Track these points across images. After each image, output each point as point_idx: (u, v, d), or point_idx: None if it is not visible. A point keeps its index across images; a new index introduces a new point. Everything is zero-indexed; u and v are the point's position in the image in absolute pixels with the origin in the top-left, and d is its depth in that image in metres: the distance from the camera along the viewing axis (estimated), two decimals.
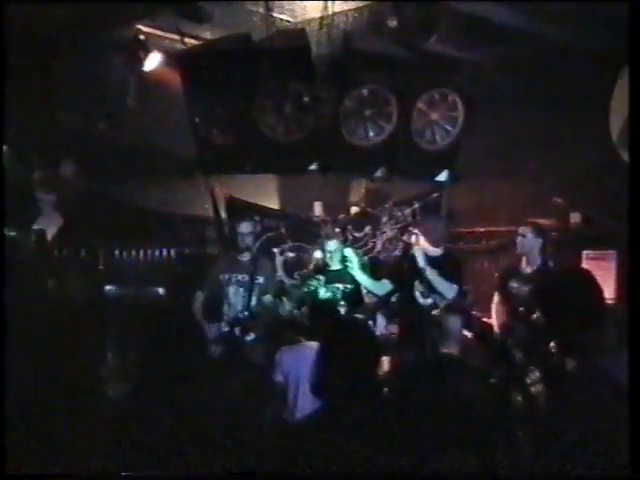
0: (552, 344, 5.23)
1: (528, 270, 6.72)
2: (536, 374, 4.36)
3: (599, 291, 3.11)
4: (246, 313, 6.78)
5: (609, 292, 7.31)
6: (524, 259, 6.76)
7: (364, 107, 7.58)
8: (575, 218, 8.13)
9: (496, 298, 6.95)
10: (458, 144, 7.88)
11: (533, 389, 4.55)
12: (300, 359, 5.31)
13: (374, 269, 8.16)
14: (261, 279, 7.00)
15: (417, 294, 6.70)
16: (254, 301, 6.88)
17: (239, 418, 4.37)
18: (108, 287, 7.78)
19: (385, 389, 4.47)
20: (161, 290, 7.88)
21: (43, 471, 2.96)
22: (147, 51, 7.93)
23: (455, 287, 6.59)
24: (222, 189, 8.20)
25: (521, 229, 6.77)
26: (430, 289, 6.61)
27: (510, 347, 6.06)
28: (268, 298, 6.89)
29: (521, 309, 6.43)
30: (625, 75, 7.84)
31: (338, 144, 7.63)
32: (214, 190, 8.11)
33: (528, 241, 6.70)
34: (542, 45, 7.68)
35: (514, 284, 6.74)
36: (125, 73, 7.99)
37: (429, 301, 6.64)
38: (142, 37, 7.87)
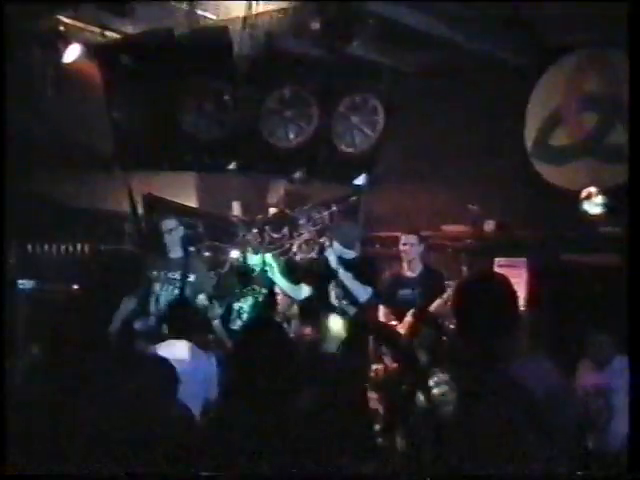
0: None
1: (410, 274, 6.99)
2: (440, 376, 4.41)
3: (513, 294, 3.07)
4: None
5: (520, 299, 7.49)
6: (405, 265, 7.02)
7: (285, 108, 7.63)
8: (489, 225, 8.27)
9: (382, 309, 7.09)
10: (377, 148, 7.97)
11: (437, 391, 4.62)
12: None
13: (290, 271, 8.24)
14: (192, 277, 6.95)
15: (332, 296, 6.77)
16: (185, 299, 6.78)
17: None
18: (20, 281, 7.57)
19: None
20: (75, 286, 7.68)
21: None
22: (67, 42, 7.73)
23: (369, 290, 6.68)
24: (140, 186, 7.99)
25: (404, 237, 7.01)
26: (344, 292, 6.68)
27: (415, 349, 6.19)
28: (202, 298, 6.88)
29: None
30: (540, 88, 8.10)
31: (258, 144, 7.64)
32: (132, 186, 7.89)
33: (413, 248, 6.95)
34: (462, 53, 7.90)
35: (400, 292, 6.99)
36: (44, 64, 7.81)
37: (344, 303, 6.72)
38: (62, 28, 7.70)
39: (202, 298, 6.88)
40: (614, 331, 5.44)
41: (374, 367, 7.24)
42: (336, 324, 6.02)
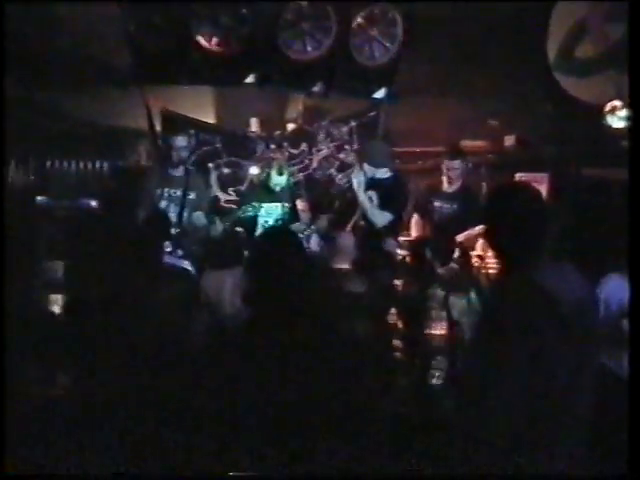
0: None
1: (450, 190, 6.99)
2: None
3: (541, 200, 3.09)
4: (177, 229, 6.68)
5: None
6: (445, 180, 6.99)
7: (303, 20, 7.50)
8: (509, 141, 8.18)
9: (415, 217, 7.12)
10: (397, 62, 7.87)
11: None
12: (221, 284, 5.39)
13: (310, 187, 8.26)
14: (193, 195, 6.95)
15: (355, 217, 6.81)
16: (185, 218, 6.83)
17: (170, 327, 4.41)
18: (39, 198, 7.59)
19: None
20: (94, 202, 7.70)
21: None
22: None
23: (388, 215, 6.60)
24: (157, 101, 7.94)
25: (447, 163, 6.96)
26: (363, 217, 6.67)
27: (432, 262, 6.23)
28: (199, 215, 6.87)
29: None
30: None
31: (275, 57, 7.57)
32: (149, 102, 7.85)
33: (457, 172, 6.92)
34: None
35: (437, 203, 7.00)
36: None
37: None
38: None
39: (199, 215, 6.88)
40: None
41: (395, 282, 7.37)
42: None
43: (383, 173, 6.65)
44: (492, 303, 3.04)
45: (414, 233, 7.05)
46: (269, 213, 7.21)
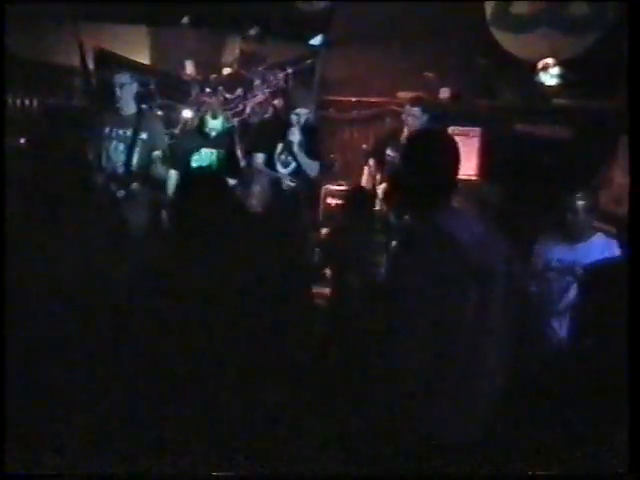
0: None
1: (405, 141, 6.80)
2: None
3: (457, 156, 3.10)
4: (124, 168, 6.65)
5: (472, 168, 7.55)
6: (405, 131, 6.92)
7: None
8: (445, 93, 8.18)
9: (371, 163, 7.12)
10: (335, 8, 7.88)
11: None
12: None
13: (244, 132, 8.15)
14: (145, 135, 6.81)
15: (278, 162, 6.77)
16: (135, 157, 6.72)
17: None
18: None
19: None
20: (22, 140, 7.50)
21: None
22: None
23: (317, 164, 6.71)
24: (90, 39, 7.80)
25: (408, 108, 6.94)
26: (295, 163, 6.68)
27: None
28: (157, 154, 6.82)
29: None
30: None
31: None
32: (82, 39, 7.71)
33: (414, 116, 6.91)
34: None
35: (390, 152, 6.92)
36: None
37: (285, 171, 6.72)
38: None
39: (157, 155, 6.80)
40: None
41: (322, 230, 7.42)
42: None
43: (307, 117, 6.71)
44: (401, 247, 3.17)
45: (365, 181, 7.09)
46: (203, 158, 7.12)
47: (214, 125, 7.22)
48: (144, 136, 6.77)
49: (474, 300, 2.79)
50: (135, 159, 6.71)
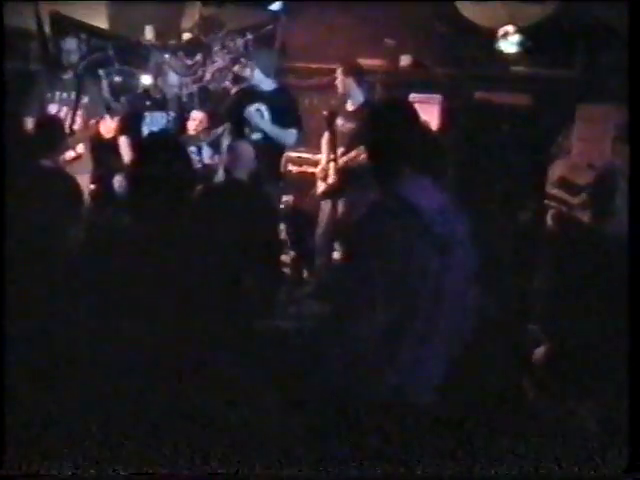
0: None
1: (351, 108, 6.83)
2: None
3: (421, 123, 3.18)
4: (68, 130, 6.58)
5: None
6: (348, 98, 6.86)
7: None
8: (405, 61, 8.18)
9: (326, 136, 7.00)
10: None
11: None
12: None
13: (204, 98, 8.20)
14: (86, 99, 6.81)
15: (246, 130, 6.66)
16: (78, 121, 6.70)
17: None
18: None
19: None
20: None
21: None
22: None
23: (293, 132, 6.65)
24: (47, 3, 7.68)
25: (339, 71, 6.84)
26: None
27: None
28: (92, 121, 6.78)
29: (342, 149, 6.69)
30: None
31: None
32: (38, 3, 7.60)
33: (347, 81, 6.80)
34: None
35: (339, 121, 6.84)
36: None
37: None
38: None
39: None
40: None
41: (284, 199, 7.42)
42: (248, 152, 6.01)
43: (270, 85, 6.66)
44: (359, 219, 3.11)
45: (325, 151, 6.98)
46: (154, 122, 7.09)
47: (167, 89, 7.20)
48: (85, 100, 6.86)
49: (435, 268, 2.82)
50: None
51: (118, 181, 6.75)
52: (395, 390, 2.79)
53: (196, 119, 7.67)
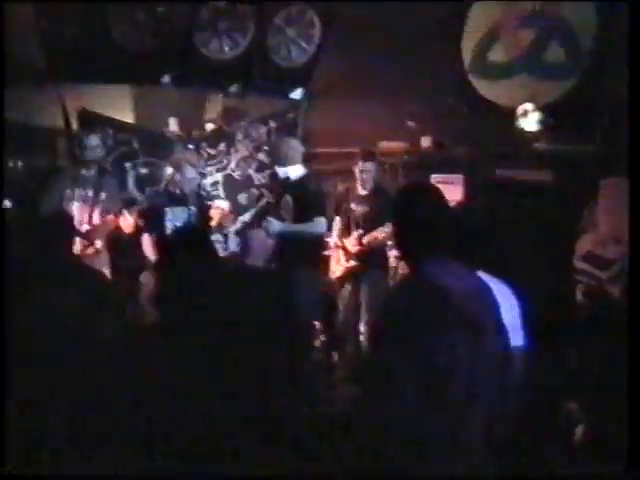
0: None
1: (363, 192, 6.95)
2: None
3: (446, 204, 3.10)
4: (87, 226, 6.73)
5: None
6: (359, 183, 6.95)
7: (220, 20, 7.54)
8: (426, 142, 8.24)
9: (339, 219, 7.13)
10: (314, 62, 7.97)
11: None
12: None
13: (229, 187, 8.30)
14: (106, 194, 6.91)
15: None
16: (96, 217, 6.80)
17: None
18: None
19: None
20: (8, 203, 7.33)
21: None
22: None
23: (322, 220, 6.57)
24: (73, 99, 7.81)
25: (361, 164, 6.90)
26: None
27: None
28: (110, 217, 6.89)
29: (360, 231, 6.82)
30: (478, 3, 8.02)
31: (192, 56, 7.58)
32: (64, 100, 7.72)
33: (370, 174, 6.90)
34: None
35: (353, 205, 6.99)
36: None
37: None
38: None
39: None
40: None
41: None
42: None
43: (296, 172, 6.63)
44: (387, 302, 3.04)
45: (336, 236, 7.08)
46: (175, 216, 7.08)
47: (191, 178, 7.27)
48: (102, 197, 6.90)
49: (466, 350, 2.78)
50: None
51: (144, 277, 6.72)
52: (433, 470, 2.72)
53: (220, 208, 7.71)
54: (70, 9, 7.25)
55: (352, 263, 6.86)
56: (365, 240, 6.75)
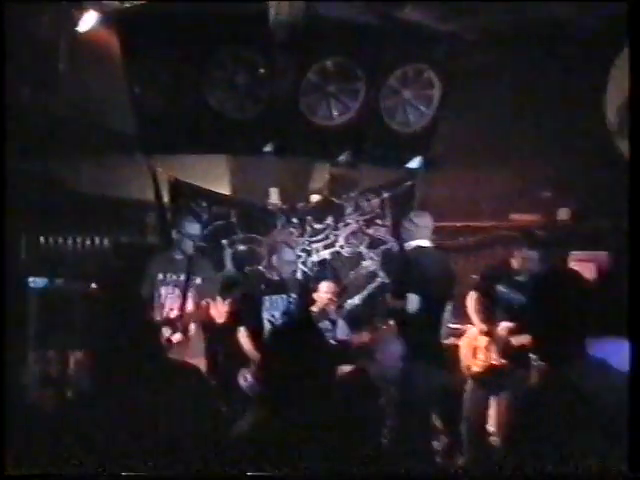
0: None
1: (521, 277, 6.23)
2: None
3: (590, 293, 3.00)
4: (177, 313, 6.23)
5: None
6: (515, 262, 6.27)
7: (328, 82, 7.17)
8: (563, 214, 7.59)
9: (474, 296, 6.45)
10: (433, 127, 7.47)
11: None
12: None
13: (336, 265, 7.77)
14: (199, 280, 6.38)
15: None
16: (189, 303, 6.29)
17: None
18: (31, 279, 7.07)
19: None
20: (94, 284, 7.19)
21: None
22: (82, 9, 7.03)
23: (415, 297, 6.01)
24: (165, 170, 7.43)
25: (524, 251, 6.25)
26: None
27: None
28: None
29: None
30: (624, 55, 7.22)
31: (297, 123, 7.26)
32: (156, 171, 7.33)
33: (533, 263, 6.21)
34: (529, 17, 7.19)
35: (503, 288, 6.26)
36: (56, 34, 7.25)
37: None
38: None
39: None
40: None
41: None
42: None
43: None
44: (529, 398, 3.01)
45: (472, 314, 6.44)
46: (274, 305, 6.52)
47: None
48: (198, 281, 6.41)
49: None
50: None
51: (244, 376, 6.20)
52: None
53: (328, 290, 6.98)
54: (163, 72, 6.96)
55: (497, 359, 6.13)
56: (514, 341, 5.99)
